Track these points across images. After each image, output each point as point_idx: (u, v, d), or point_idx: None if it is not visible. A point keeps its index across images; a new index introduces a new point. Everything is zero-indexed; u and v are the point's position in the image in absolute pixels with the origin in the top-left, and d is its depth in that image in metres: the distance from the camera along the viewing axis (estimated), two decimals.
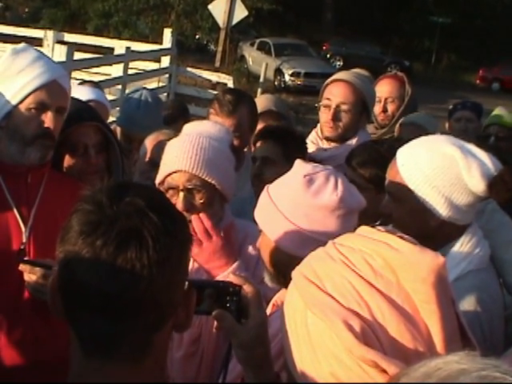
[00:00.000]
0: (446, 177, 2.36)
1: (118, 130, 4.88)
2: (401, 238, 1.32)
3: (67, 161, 3.10)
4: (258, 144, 3.78)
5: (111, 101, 11.14)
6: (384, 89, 5.11)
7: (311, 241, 2.09)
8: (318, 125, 4.35)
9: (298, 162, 2.31)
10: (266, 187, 2.32)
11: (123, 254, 1.30)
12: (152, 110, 4.89)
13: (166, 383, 1.50)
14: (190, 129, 2.82)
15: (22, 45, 2.83)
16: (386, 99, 5.07)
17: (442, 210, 2.40)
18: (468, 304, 2.35)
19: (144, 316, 1.34)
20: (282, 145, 3.67)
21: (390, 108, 5.06)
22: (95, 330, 1.34)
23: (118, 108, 10.01)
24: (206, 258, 2.57)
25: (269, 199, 2.24)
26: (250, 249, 2.77)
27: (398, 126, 4.85)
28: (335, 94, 4.19)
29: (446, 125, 5.69)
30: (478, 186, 2.35)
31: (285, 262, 1.41)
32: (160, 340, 1.40)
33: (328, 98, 4.21)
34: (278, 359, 1.93)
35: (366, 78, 4.43)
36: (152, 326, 1.37)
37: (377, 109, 5.06)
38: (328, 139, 4.24)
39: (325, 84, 4.34)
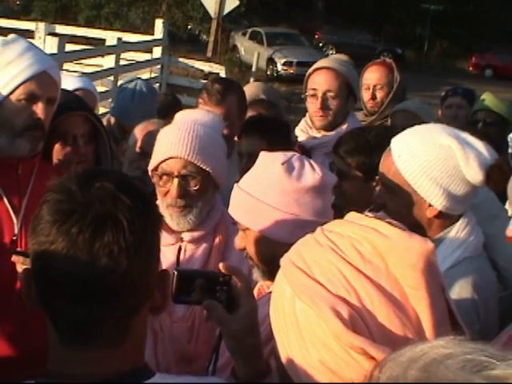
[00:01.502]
0: (443, 168, 2.35)
1: (112, 120, 4.87)
2: (389, 223, 1.31)
3: (56, 151, 3.10)
4: (243, 139, 3.76)
5: (103, 92, 11.16)
6: (372, 76, 5.11)
7: (304, 224, 2.11)
8: (307, 113, 4.35)
9: (263, 155, 2.32)
10: (235, 186, 2.32)
11: (100, 239, 1.30)
12: (147, 100, 4.88)
13: None
14: (184, 116, 2.81)
15: (12, 36, 2.81)
16: (374, 86, 5.06)
17: (440, 202, 2.40)
18: (464, 290, 2.35)
19: (122, 300, 1.34)
20: (267, 138, 3.65)
21: (379, 95, 5.05)
22: (74, 318, 1.34)
23: (110, 99, 9.99)
24: None
25: (247, 195, 2.23)
26: None
27: (391, 113, 4.85)
28: (319, 82, 4.20)
29: (439, 112, 5.69)
30: (476, 176, 2.34)
31: (280, 253, 1.40)
32: (138, 324, 1.41)
33: (313, 88, 4.22)
34: (266, 345, 1.93)
35: (345, 62, 4.43)
36: (130, 310, 1.37)
37: (366, 96, 5.07)
38: (319, 127, 4.24)
39: (307, 74, 4.34)
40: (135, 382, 1.38)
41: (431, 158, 2.36)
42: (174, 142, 2.64)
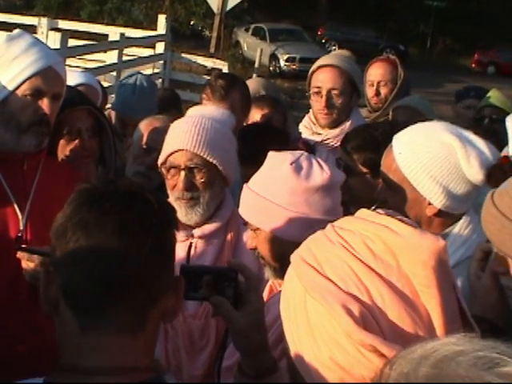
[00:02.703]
0: (443, 166, 2.35)
1: (113, 114, 4.87)
2: (401, 221, 1.31)
3: (62, 146, 3.10)
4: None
5: (106, 87, 11.15)
6: (376, 72, 5.11)
7: (315, 222, 2.12)
8: (311, 109, 4.35)
9: (272, 155, 2.33)
10: (245, 186, 2.33)
11: (132, 212, 1.34)
12: (147, 95, 4.88)
13: None
14: (194, 112, 2.85)
15: (17, 31, 2.80)
16: (378, 82, 5.06)
17: (439, 200, 2.39)
18: (466, 290, 2.34)
19: (144, 284, 1.36)
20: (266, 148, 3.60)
21: (383, 91, 5.05)
22: (96, 299, 1.34)
23: (112, 95, 9.99)
24: None
25: (257, 196, 2.25)
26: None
27: (392, 109, 4.85)
28: (323, 80, 4.20)
29: (444, 108, 5.67)
30: (477, 175, 2.33)
31: (291, 251, 1.41)
32: (154, 319, 1.41)
33: (317, 86, 4.21)
34: (278, 346, 1.93)
35: (348, 58, 4.44)
36: (149, 299, 1.38)
37: (370, 92, 5.07)
38: (323, 124, 4.24)
39: (311, 71, 4.33)
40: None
41: (432, 155, 2.36)
42: (181, 136, 2.66)
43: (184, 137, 2.64)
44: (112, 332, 1.35)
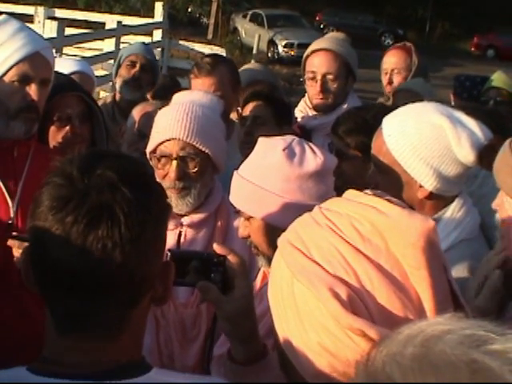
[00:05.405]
0: (434, 148, 2.31)
1: (109, 99, 4.95)
2: (389, 201, 1.28)
3: (52, 132, 3.09)
4: (249, 105, 3.77)
5: (104, 76, 11.13)
6: (390, 60, 5.10)
7: (309, 209, 2.08)
8: (306, 94, 4.32)
9: (262, 141, 2.29)
10: (235, 173, 2.28)
11: (94, 232, 1.26)
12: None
13: None
14: (182, 97, 2.79)
15: (3, 17, 2.80)
16: (392, 70, 5.05)
17: (430, 182, 2.36)
18: (460, 274, 2.30)
19: (118, 293, 1.31)
20: (273, 106, 3.71)
21: (396, 79, 5.02)
22: (68, 308, 1.31)
23: (111, 83, 9.97)
24: None
25: (248, 183, 2.20)
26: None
27: (392, 92, 4.82)
28: (318, 65, 4.18)
29: (443, 92, 5.65)
30: (468, 156, 2.30)
31: None
32: (137, 316, 1.38)
33: (312, 71, 4.19)
34: (271, 336, 1.91)
35: (342, 41, 4.40)
36: (127, 303, 1.34)
37: (384, 81, 5.07)
38: (319, 109, 4.21)
39: (305, 56, 4.32)
40: (127, 378, 1.34)
41: (422, 137, 2.32)
42: (172, 124, 2.61)
43: (176, 125, 2.60)
44: (88, 338, 1.33)
